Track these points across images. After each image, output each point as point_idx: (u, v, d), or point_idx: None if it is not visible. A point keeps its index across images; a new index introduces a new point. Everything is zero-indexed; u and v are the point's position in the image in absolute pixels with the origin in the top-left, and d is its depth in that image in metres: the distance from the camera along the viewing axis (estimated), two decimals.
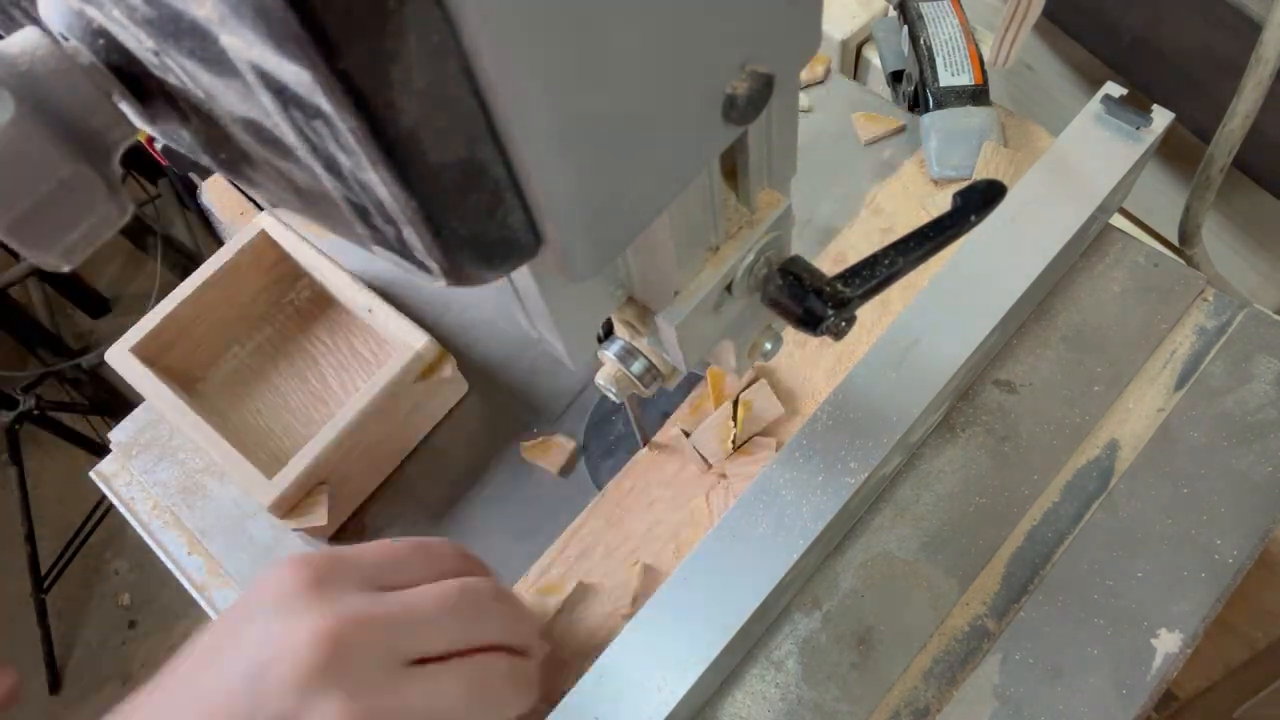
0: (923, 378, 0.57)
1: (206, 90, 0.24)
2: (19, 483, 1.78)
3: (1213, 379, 0.62)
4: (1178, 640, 0.55)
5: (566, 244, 0.27)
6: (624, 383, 0.45)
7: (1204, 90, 0.74)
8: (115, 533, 2.00)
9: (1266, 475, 0.58)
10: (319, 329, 0.74)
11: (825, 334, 0.39)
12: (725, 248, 0.38)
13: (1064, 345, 0.64)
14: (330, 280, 0.69)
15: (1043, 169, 0.63)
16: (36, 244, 0.27)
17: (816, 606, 0.58)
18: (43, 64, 0.25)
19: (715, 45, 0.26)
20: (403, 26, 0.19)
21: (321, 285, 0.71)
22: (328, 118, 0.20)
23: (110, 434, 0.73)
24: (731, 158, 0.37)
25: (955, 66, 0.73)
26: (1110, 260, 0.67)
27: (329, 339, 0.74)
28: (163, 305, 0.68)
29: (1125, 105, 0.63)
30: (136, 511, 0.71)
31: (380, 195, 0.23)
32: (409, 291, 0.75)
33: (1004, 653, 0.56)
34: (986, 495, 0.60)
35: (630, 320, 0.42)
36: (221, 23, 0.20)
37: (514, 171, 0.24)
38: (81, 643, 1.95)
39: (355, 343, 0.73)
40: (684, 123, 0.27)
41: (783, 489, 0.55)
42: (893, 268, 0.40)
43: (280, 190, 0.28)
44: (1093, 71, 0.83)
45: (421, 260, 0.25)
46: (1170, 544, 0.57)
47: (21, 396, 1.68)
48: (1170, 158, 0.79)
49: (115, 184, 0.27)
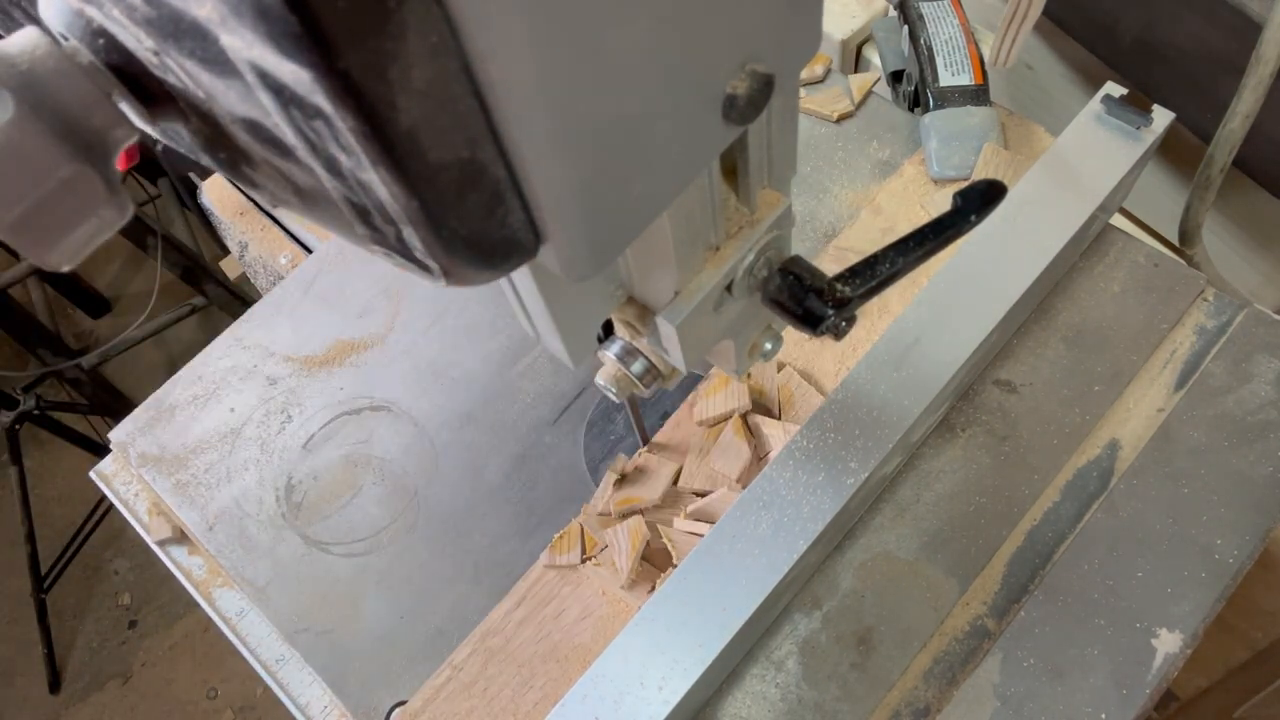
0: (923, 378, 0.57)
1: (206, 90, 0.24)
2: (19, 483, 1.78)
3: (1213, 379, 0.62)
4: (1178, 640, 0.55)
5: (566, 244, 0.27)
6: (624, 383, 0.45)
7: (1204, 90, 0.74)
8: (115, 533, 2.00)
9: (1266, 475, 0.58)
10: None
11: (825, 334, 0.39)
12: (725, 247, 0.38)
13: (1064, 345, 0.64)
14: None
15: (1043, 169, 0.63)
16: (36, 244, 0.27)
17: (816, 606, 0.58)
18: (43, 64, 0.25)
19: (715, 45, 0.26)
20: (402, 26, 0.19)
21: None
22: (327, 117, 0.20)
23: (110, 434, 0.73)
24: (732, 157, 0.36)
25: (955, 66, 0.72)
26: (1110, 260, 0.67)
27: None
28: None
29: (1125, 105, 0.63)
30: (136, 511, 0.71)
31: (380, 195, 0.23)
32: None
33: (1004, 653, 0.56)
34: (986, 495, 0.60)
35: (630, 320, 0.41)
36: (221, 22, 0.20)
37: (514, 171, 0.24)
38: (81, 643, 1.95)
39: None
40: (684, 122, 0.27)
41: (783, 489, 0.55)
42: (893, 268, 0.40)
43: (280, 190, 0.28)
44: (1093, 71, 0.83)
45: (421, 260, 0.25)
46: (1170, 544, 0.57)
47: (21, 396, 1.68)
48: (1170, 158, 0.79)
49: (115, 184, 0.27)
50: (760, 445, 0.64)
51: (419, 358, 0.74)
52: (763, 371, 0.66)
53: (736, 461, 0.62)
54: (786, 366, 0.66)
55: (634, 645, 0.52)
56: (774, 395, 0.65)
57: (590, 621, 0.61)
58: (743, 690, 0.56)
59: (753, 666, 0.56)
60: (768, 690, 0.56)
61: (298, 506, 0.68)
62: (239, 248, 0.93)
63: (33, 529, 1.81)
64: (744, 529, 0.54)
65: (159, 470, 0.71)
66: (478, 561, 0.66)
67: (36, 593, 1.83)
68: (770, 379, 0.66)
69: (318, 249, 0.82)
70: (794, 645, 0.57)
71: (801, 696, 0.55)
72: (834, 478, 0.54)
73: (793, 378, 0.65)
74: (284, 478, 0.70)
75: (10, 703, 1.91)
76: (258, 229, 0.90)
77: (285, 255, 0.88)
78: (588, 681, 0.51)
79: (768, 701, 0.56)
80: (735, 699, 0.56)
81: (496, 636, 0.61)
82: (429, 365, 0.74)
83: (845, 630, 0.57)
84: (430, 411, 0.72)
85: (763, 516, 0.54)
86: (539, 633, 0.61)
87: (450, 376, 0.73)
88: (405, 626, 0.64)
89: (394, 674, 0.62)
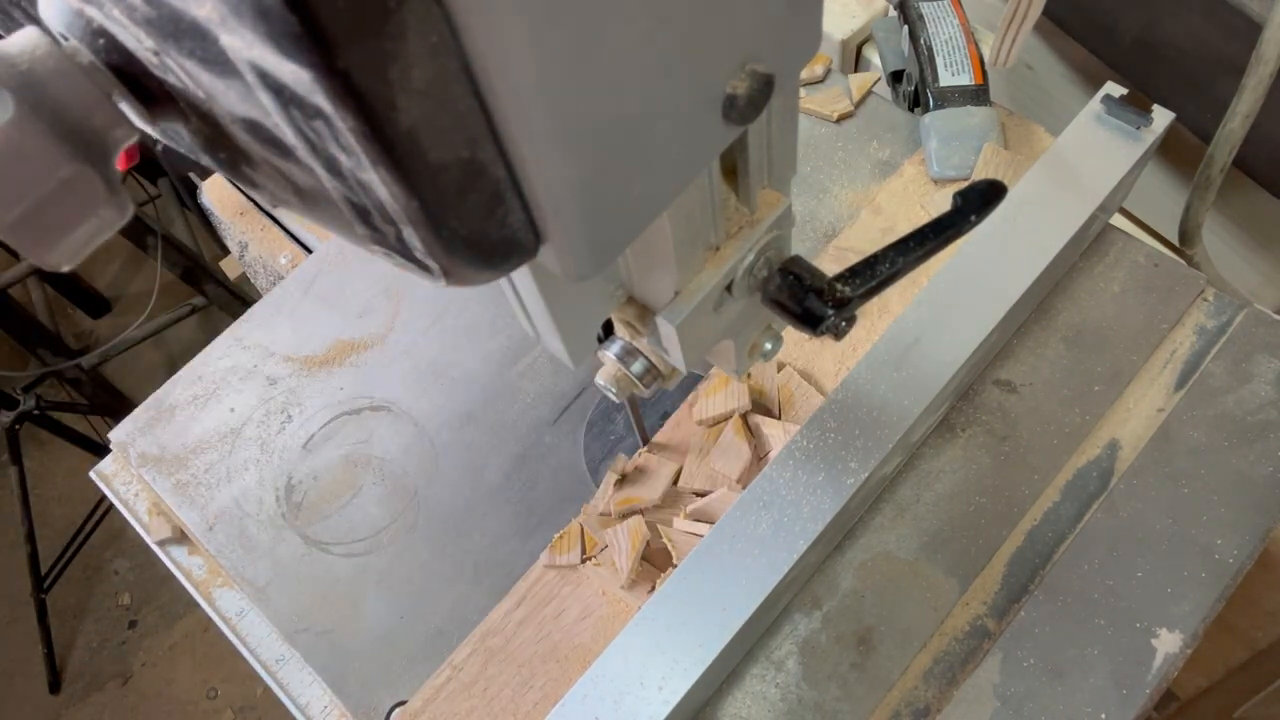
0: (923, 378, 0.57)
1: (206, 90, 0.24)
2: (19, 483, 1.78)
3: (1213, 379, 0.62)
4: (1178, 640, 0.55)
5: (566, 244, 0.27)
6: (624, 383, 0.45)
7: (1204, 90, 0.74)
8: (115, 533, 2.00)
9: (1266, 475, 0.58)
10: None
11: (825, 334, 0.39)
12: (725, 247, 0.38)
13: (1064, 345, 0.64)
14: None
15: (1043, 169, 0.63)
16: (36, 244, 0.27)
17: (816, 606, 0.58)
18: (43, 64, 0.25)
19: (715, 45, 0.26)
20: (402, 26, 0.19)
21: None
22: (327, 117, 0.20)
23: (110, 434, 0.73)
24: (732, 157, 0.36)
25: (955, 66, 0.72)
26: (1110, 260, 0.67)
27: None
28: None
29: (1125, 105, 0.63)
30: (136, 511, 0.71)
31: (380, 195, 0.23)
32: None
33: (1004, 653, 0.56)
34: (986, 495, 0.60)
35: (630, 320, 0.41)
36: (222, 23, 0.20)
37: (514, 171, 0.24)
38: (81, 643, 1.95)
39: None
40: (684, 122, 0.27)
41: (783, 489, 0.55)
42: (893, 268, 0.40)
43: (280, 190, 0.28)
44: (1093, 71, 0.83)
45: (421, 260, 0.25)
46: (1170, 544, 0.57)
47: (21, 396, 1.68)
48: (1170, 158, 0.79)
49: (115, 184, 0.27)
50: (760, 445, 0.64)
51: (419, 358, 0.74)
52: (763, 371, 0.66)
53: (736, 461, 0.62)
54: (786, 366, 0.66)
55: (634, 645, 0.52)
56: (774, 395, 0.65)
57: (590, 621, 0.61)
58: (743, 690, 0.56)
59: (753, 666, 0.56)
60: (768, 690, 0.56)
61: (298, 506, 0.68)
62: (239, 248, 0.93)
63: (33, 529, 1.80)
64: (744, 529, 0.54)
65: (159, 470, 0.71)
66: (478, 561, 0.66)
67: (36, 593, 1.83)
68: (770, 379, 0.66)
69: (318, 249, 0.82)
70: (794, 645, 0.57)
71: (801, 696, 0.55)
72: (834, 478, 0.54)
73: (793, 378, 0.65)
74: (284, 478, 0.70)
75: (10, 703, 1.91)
76: (258, 229, 0.90)
77: (285, 255, 0.88)
78: (588, 681, 0.51)
79: (768, 701, 0.56)
80: (735, 699, 0.56)
81: (496, 636, 0.61)
82: (429, 365, 0.74)
83: (845, 630, 0.57)
84: (430, 411, 0.72)
85: (763, 516, 0.54)
86: (539, 633, 0.61)
87: (450, 376, 0.73)
88: (405, 626, 0.64)
89: (394, 674, 0.62)
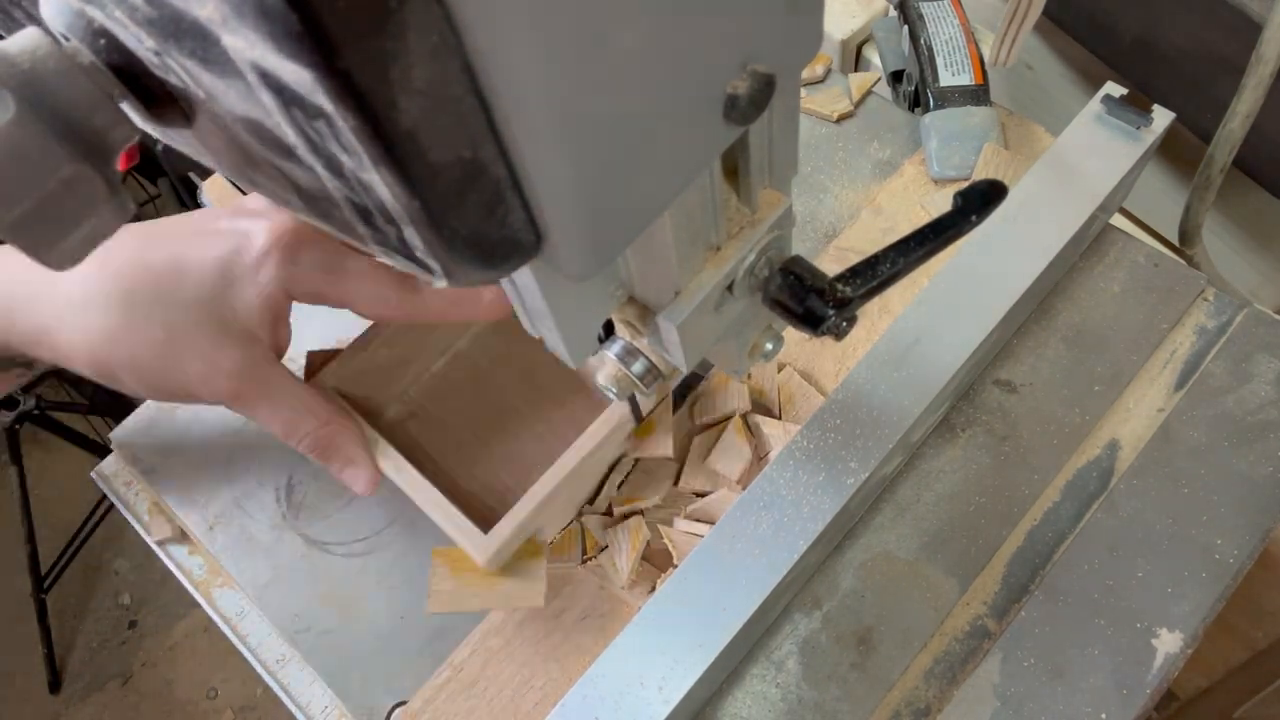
0: (923, 378, 0.57)
1: (208, 90, 0.24)
2: (19, 483, 1.78)
3: (1213, 379, 0.62)
4: (1178, 640, 0.55)
5: (567, 243, 0.27)
6: (624, 383, 0.45)
7: (1204, 90, 0.74)
8: (115, 533, 2.00)
9: (1266, 475, 0.58)
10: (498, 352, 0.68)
11: (826, 334, 0.39)
12: (726, 247, 0.38)
13: (1064, 345, 0.64)
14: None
15: (1043, 169, 0.63)
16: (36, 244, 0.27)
17: (817, 606, 0.58)
18: (44, 64, 0.25)
19: (716, 45, 0.26)
20: (403, 25, 0.19)
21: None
22: (329, 117, 0.20)
23: (110, 434, 0.73)
24: (733, 157, 0.37)
25: (955, 66, 0.73)
26: (1110, 260, 0.67)
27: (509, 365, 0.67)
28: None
29: (1125, 105, 0.63)
30: (136, 511, 0.71)
31: (381, 195, 0.23)
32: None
33: (1004, 653, 0.56)
34: (986, 495, 0.60)
35: (631, 320, 0.42)
36: (223, 23, 0.20)
37: (515, 171, 0.24)
38: (81, 643, 1.95)
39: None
40: (685, 122, 0.27)
41: (783, 489, 0.55)
42: (893, 268, 0.40)
43: (281, 190, 0.28)
44: (1093, 71, 0.83)
45: (422, 260, 0.25)
46: (1170, 544, 0.57)
47: (21, 396, 1.68)
48: (1170, 158, 0.79)
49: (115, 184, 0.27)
50: (760, 445, 0.64)
51: None
52: (763, 371, 0.66)
53: (737, 461, 0.62)
54: (786, 366, 0.66)
55: (634, 645, 0.52)
56: (774, 395, 0.65)
57: (590, 621, 0.61)
58: (743, 690, 0.56)
59: (753, 666, 0.57)
60: (768, 690, 0.56)
61: (298, 506, 0.68)
62: None
63: (33, 529, 1.80)
64: (744, 529, 0.54)
65: (159, 470, 0.71)
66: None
67: (36, 593, 1.83)
68: (770, 379, 0.66)
69: None
70: (794, 645, 0.57)
71: (802, 696, 0.56)
72: (834, 478, 0.54)
73: (793, 378, 0.66)
74: (284, 478, 0.70)
75: (10, 703, 1.91)
76: None
77: None
78: (588, 681, 0.51)
79: (768, 701, 0.56)
80: (735, 699, 0.56)
81: (496, 636, 0.61)
82: None
83: (845, 630, 0.57)
84: None
85: (763, 516, 0.54)
86: (539, 633, 0.61)
87: None
88: (405, 626, 0.64)
89: (394, 674, 0.62)
